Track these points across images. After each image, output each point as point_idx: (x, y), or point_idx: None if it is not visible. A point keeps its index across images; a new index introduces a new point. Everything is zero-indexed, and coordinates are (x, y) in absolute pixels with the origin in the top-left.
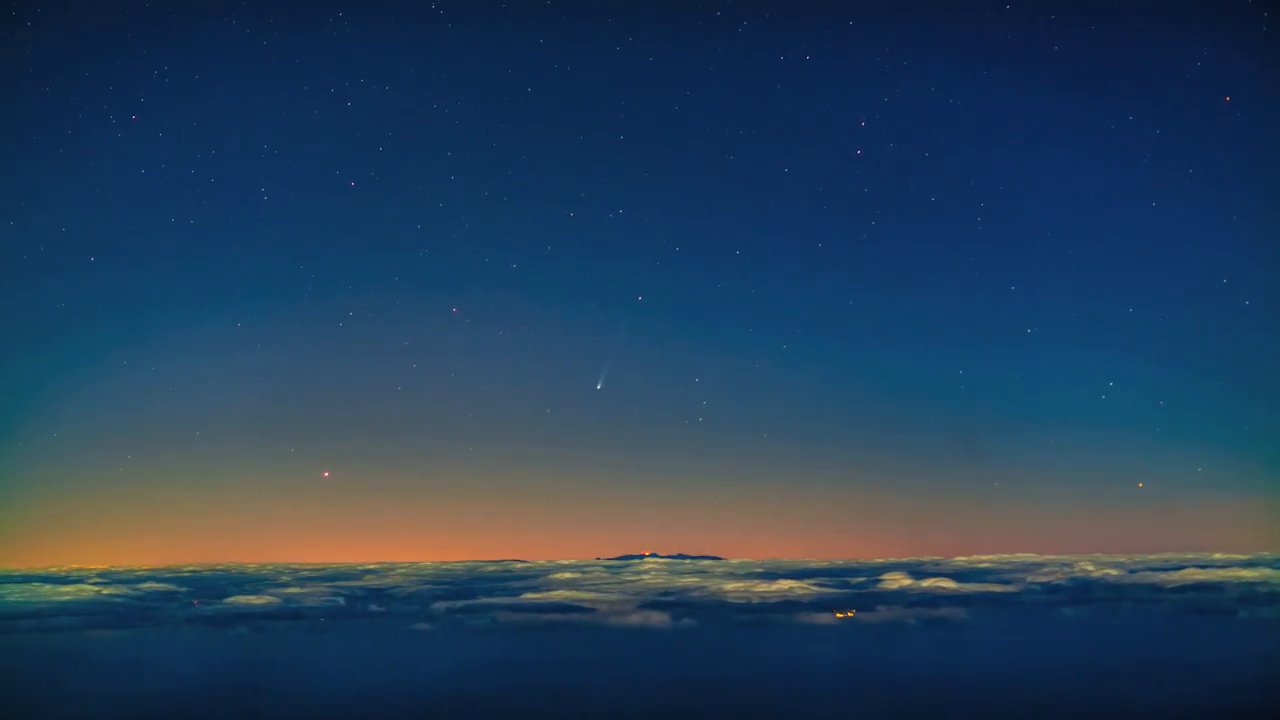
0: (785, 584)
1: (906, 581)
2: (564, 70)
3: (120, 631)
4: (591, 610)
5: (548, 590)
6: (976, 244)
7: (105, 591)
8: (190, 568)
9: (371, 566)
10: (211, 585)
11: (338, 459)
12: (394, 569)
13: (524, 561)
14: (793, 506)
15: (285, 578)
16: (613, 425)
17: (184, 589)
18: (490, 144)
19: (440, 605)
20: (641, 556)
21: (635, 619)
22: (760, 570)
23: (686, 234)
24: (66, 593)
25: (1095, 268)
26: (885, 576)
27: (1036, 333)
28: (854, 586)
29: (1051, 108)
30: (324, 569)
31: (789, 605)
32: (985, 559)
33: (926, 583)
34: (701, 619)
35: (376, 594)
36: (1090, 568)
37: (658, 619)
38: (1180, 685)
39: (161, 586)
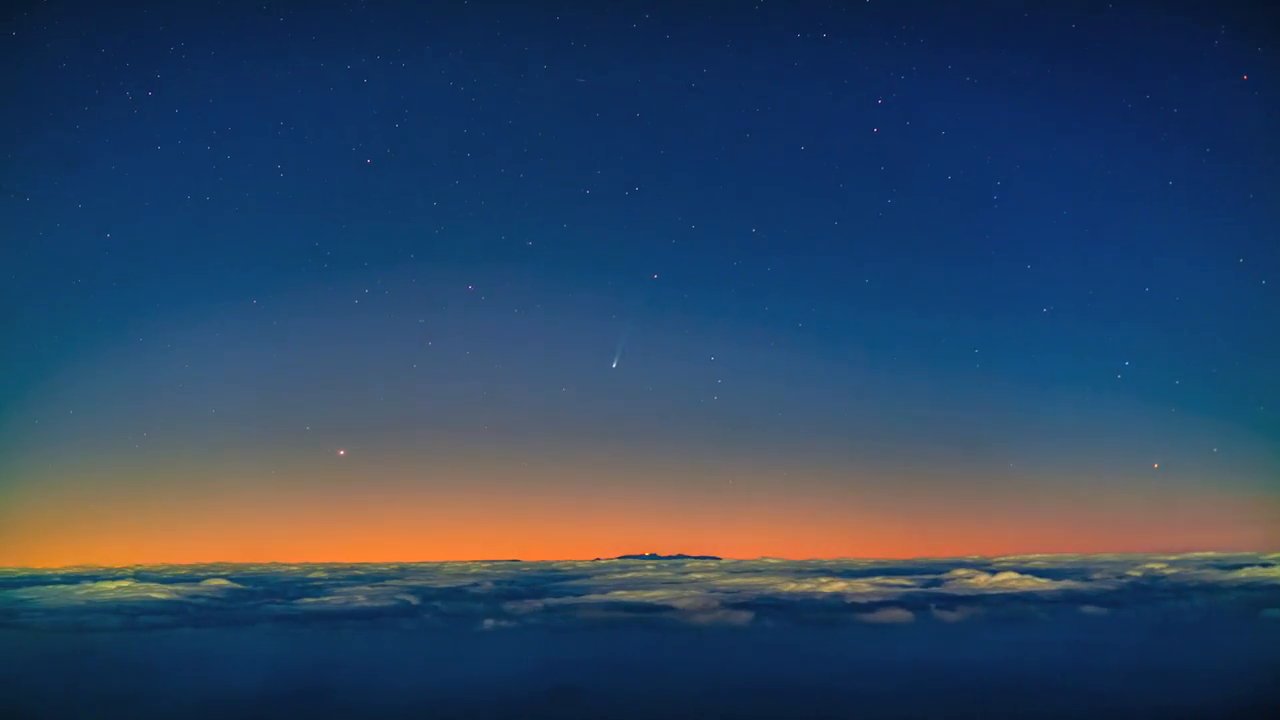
0: (857, 582)
1: (983, 578)
2: (580, 48)
3: (209, 630)
4: (673, 609)
5: (612, 590)
6: (992, 222)
7: (168, 590)
8: (230, 566)
9: (394, 565)
10: (271, 584)
11: (353, 437)
12: (439, 569)
13: (525, 561)
14: (803, 495)
15: (320, 575)
16: (627, 403)
17: (245, 587)
18: (506, 122)
19: (512, 605)
20: (642, 557)
21: (719, 618)
22: (813, 568)
23: (702, 212)
24: (110, 590)
25: (1111, 247)
26: (956, 573)
27: (1052, 311)
28: (925, 584)
29: (1068, 86)
30: (361, 567)
31: (874, 604)
32: (1035, 556)
33: (999, 577)
34: (785, 618)
35: (445, 594)
36: (1157, 566)
37: (742, 618)
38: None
39: (228, 584)
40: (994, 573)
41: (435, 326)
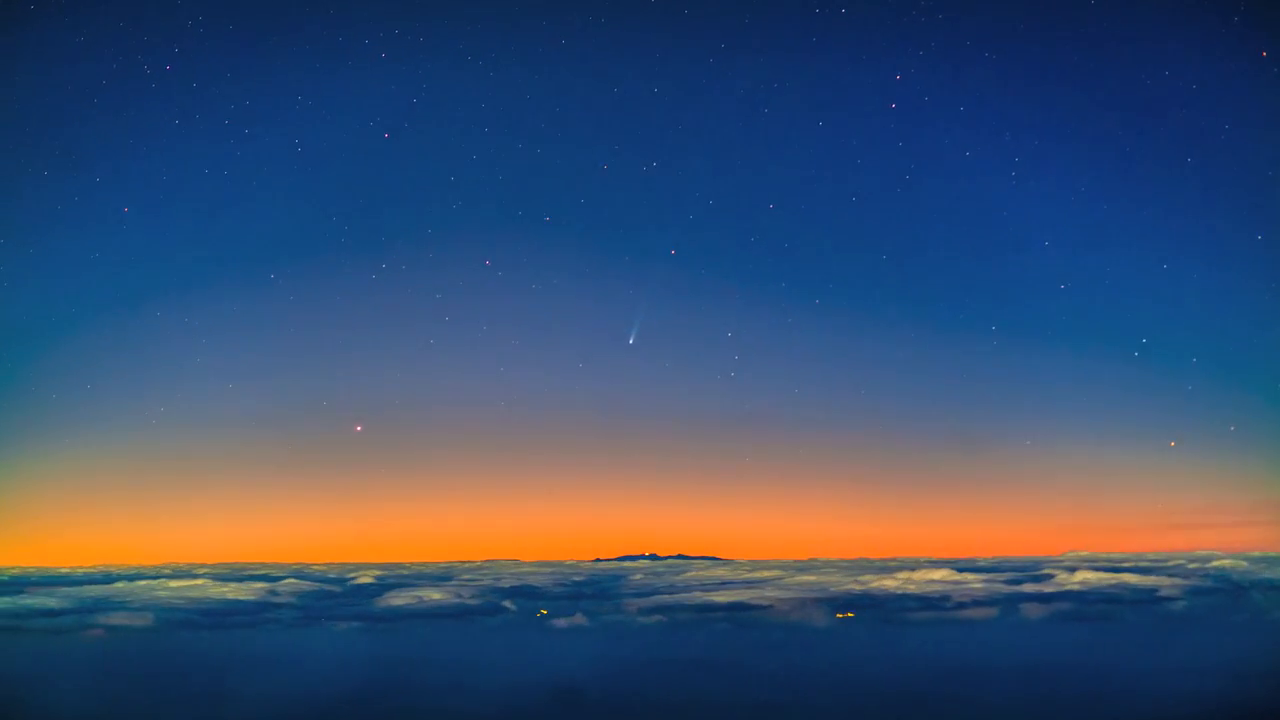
0: (950, 575)
1: (1090, 576)
2: (598, 22)
3: (304, 629)
4: (768, 607)
5: (687, 590)
6: (1011, 198)
7: (247, 589)
8: (288, 566)
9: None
10: (343, 583)
11: (370, 412)
12: (485, 570)
13: (519, 561)
14: (816, 483)
15: (363, 576)
16: (644, 379)
17: (322, 586)
18: (524, 96)
19: (588, 604)
20: (639, 558)
21: (813, 615)
22: (884, 565)
23: (720, 187)
24: (185, 587)
25: (1129, 223)
26: (1055, 570)
27: (1069, 288)
28: (1018, 581)
29: (1088, 61)
30: (376, 567)
31: (972, 601)
32: (1086, 552)
33: (1092, 575)
34: (879, 615)
35: (523, 592)
36: (1225, 563)
37: (840, 617)
38: None
39: (303, 584)
40: (1073, 570)
41: (452, 302)
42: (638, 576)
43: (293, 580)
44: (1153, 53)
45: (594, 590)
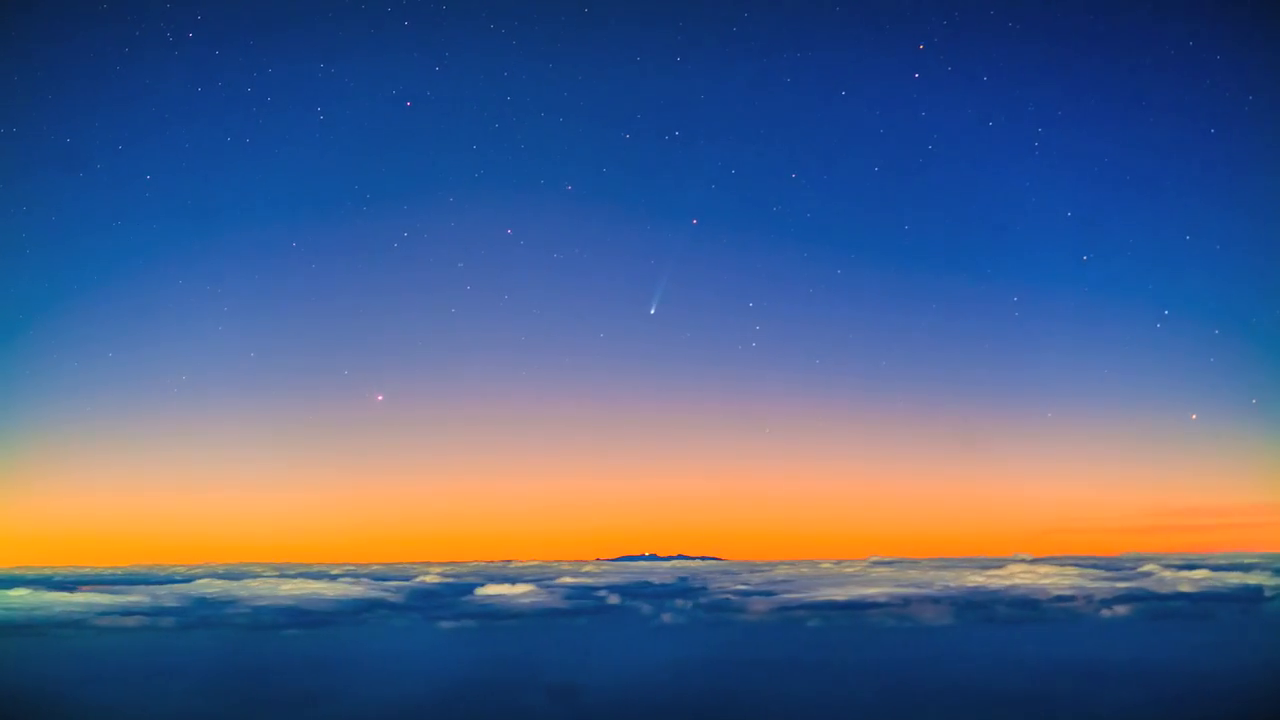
0: (1054, 572)
1: (1168, 574)
2: None
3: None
4: (884, 605)
5: (794, 590)
6: (1033, 168)
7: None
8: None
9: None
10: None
11: (391, 382)
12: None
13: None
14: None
15: (428, 575)
16: (664, 349)
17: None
18: (546, 65)
19: (684, 602)
20: (640, 558)
21: (929, 614)
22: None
23: (742, 157)
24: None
25: (1153, 194)
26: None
27: (1093, 259)
28: (1115, 577)
29: (1111, 33)
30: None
31: (1086, 599)
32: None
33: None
34: (982, 614)
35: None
36: None
37: (955, 615)
38: None
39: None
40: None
41: (473, 271)
42: (713, 575)
43: (346, 581)
44: (1176, 22)
45: (678, 589)
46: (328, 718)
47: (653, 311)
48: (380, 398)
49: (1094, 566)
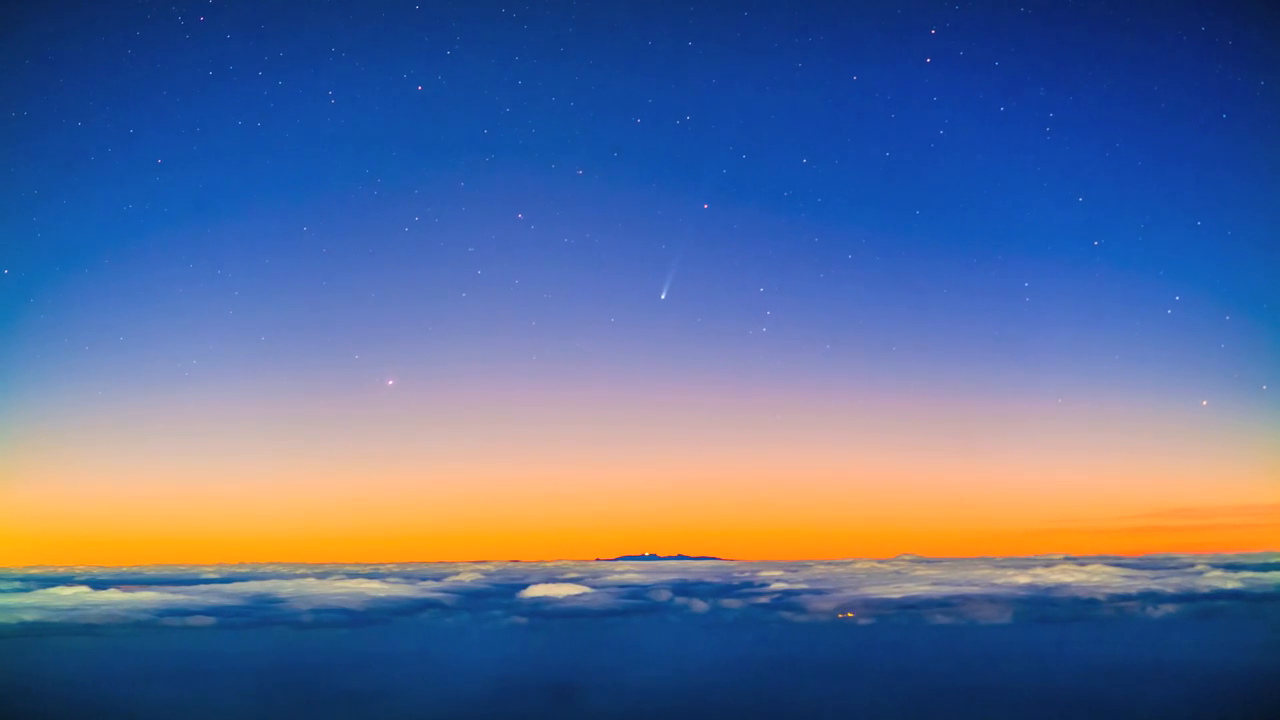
0: (1100, 571)
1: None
2: None
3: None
4: (942, 605)
5: (841, 591)
6: (1044, 153)
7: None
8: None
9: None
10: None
11: (402, 367)
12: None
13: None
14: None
15: (467, 574)
16: (675, 334)
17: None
18: (558, 49)
19: (734, 601)
20: (640, 558)
21: (989, 614)
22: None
23: (753, 142)
24: (353, 586)
25: (1164, 180)
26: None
27: (1103, 245)
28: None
29: (1123, 18)
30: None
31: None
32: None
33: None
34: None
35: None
36: None
37: (1002, 614)
38: None
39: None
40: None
41: (484, 255)
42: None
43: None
44: (1188, 8)
45: (721, 589)
46: (399, 715)
47: (663, 297)
48: (391, 382)
49: (1136, 566)
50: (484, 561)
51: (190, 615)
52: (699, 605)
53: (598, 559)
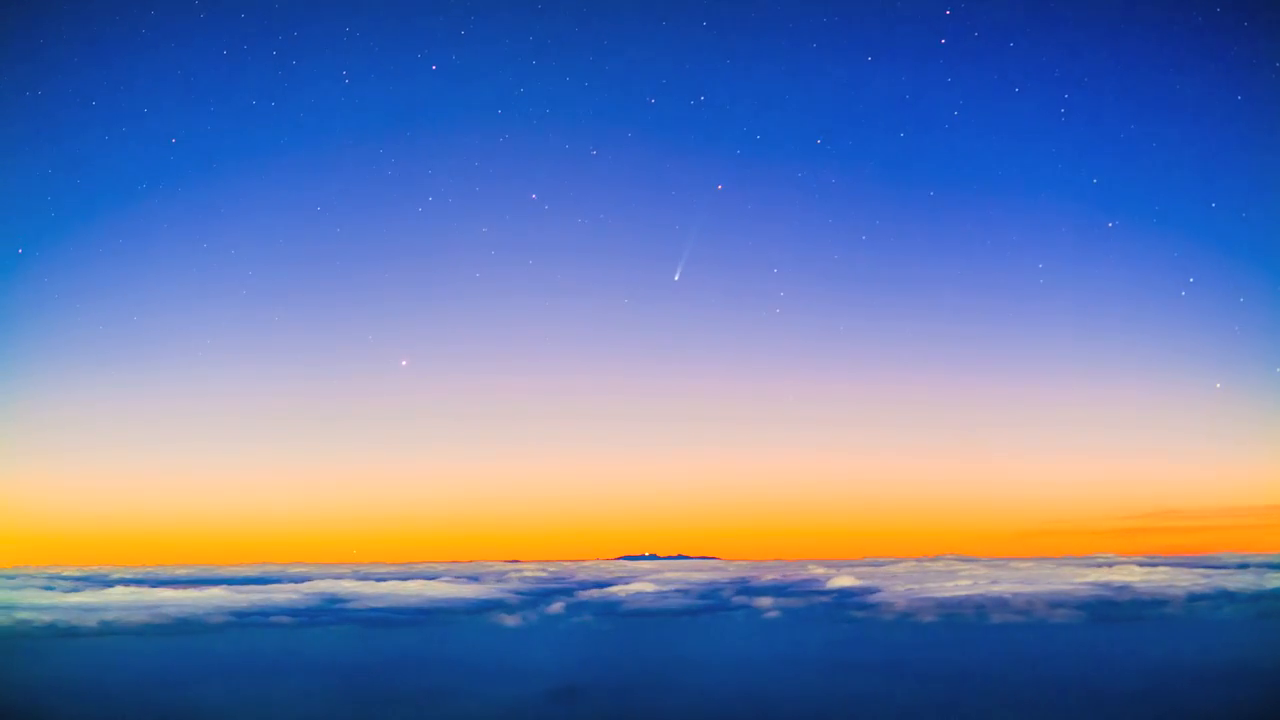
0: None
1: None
2: None
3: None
4: (1005, 605)
5: (906, 589)
6: (1059, 135)
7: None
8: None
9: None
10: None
11: (415, 347)
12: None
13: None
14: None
15: (513, 573)
16: (689, 314)
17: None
18: (572, 30)
19: (798, 600)
20: (641, 558)
21: (1061, 615)
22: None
23: (768, 122)
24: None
25: (1178, 161)
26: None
27: (1117, 226)
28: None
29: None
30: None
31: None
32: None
33: None
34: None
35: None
36: None
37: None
38: None
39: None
40: None
41: (498, 236)
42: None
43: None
44: None
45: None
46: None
47: (677, 278)
48: (405, 362)
49: (1193, 565)
50: (482, 562)
51: (270, 615)
52: (763, 603)
53: (598, 559)
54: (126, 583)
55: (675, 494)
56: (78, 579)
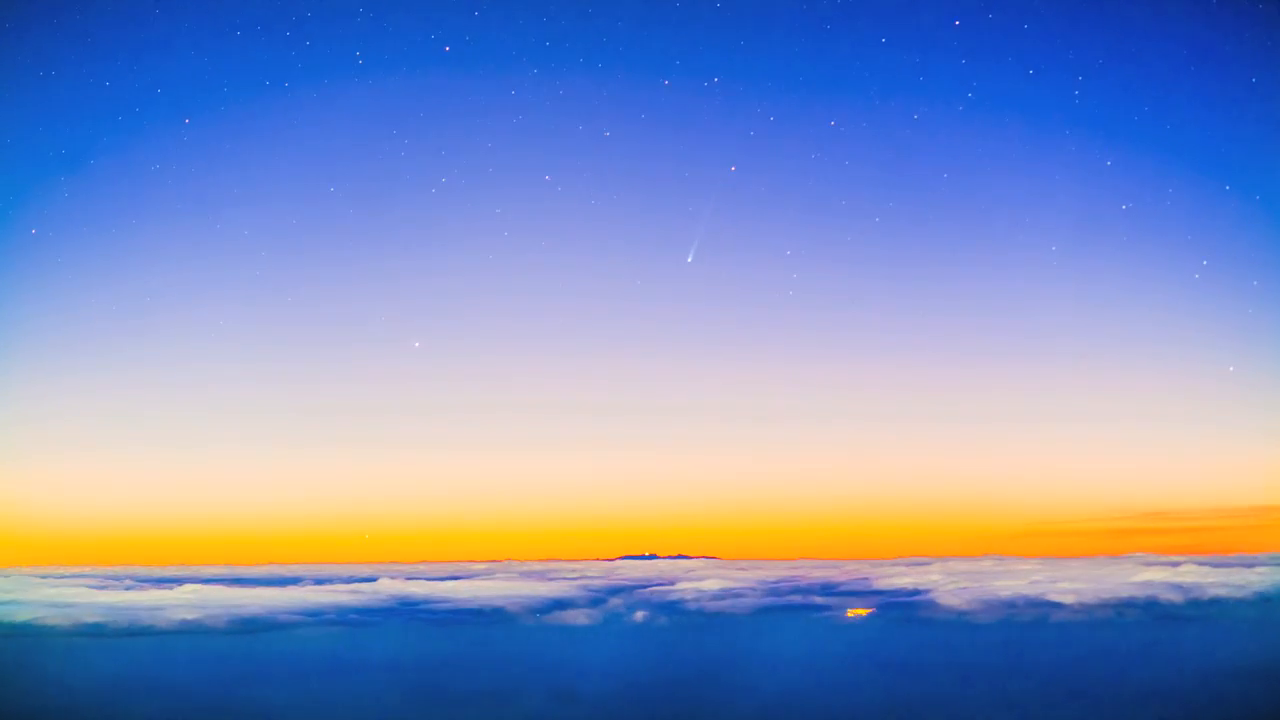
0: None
1: None
2: None
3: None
4: (1061, 606)
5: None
6: (1073, 116)
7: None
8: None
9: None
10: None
11: (428, 329)
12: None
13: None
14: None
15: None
16: (701, 297)
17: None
18: (586, 10)
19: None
20: (642, 558)
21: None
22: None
23: (781, 104)
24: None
25: (1191, 144)
26: None
27: (1131, 209)
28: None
29: None
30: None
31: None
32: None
33: None
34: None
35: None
36: None
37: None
38: None
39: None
40: None
41: (511, 218)
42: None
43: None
44: None
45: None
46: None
47: (690, 260)
48: (417, 345)
49: (1237, 565)
50: (485, 561)
51: (331, 614)
52: (827, 603)
53: (598, 559)
54: (192, 581)
55: (675, 494)
56: (141, 579)
